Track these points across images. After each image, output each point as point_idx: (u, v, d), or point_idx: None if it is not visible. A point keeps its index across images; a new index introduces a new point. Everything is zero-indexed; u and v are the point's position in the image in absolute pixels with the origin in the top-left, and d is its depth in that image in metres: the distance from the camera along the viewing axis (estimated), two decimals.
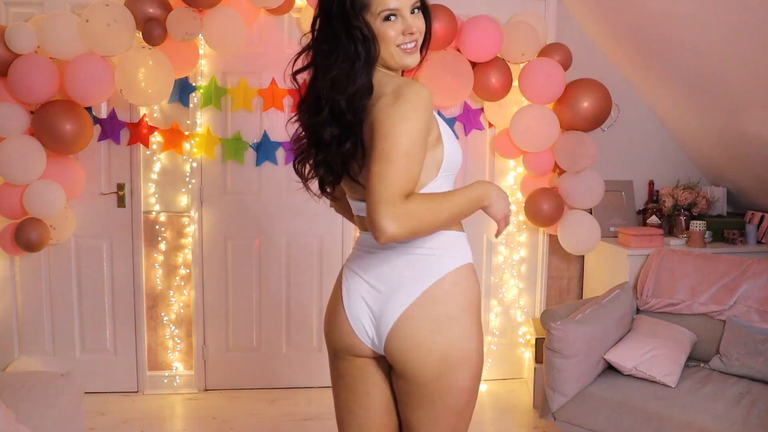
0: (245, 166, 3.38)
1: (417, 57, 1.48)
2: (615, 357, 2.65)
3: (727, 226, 3.46)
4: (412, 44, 1.45)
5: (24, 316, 3.34)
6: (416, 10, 1.46)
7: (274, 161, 3.36)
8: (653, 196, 3.65)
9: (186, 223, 3.41)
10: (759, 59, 2.55)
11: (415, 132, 1.31)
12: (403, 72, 1.55)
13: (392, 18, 1.42)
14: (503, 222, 1.51)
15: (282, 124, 3.36)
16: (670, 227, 3.55)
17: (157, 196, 3.37)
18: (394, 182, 1.28)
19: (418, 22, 1.45)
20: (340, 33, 1.40)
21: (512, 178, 3.57)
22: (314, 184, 1.58)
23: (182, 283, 3.43)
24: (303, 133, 1.51)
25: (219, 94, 3.29)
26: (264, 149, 3.35)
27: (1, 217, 3.00)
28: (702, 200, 3.46)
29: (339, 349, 1.60)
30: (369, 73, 1.40)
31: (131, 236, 3.35)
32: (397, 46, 1.44)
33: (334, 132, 1.42)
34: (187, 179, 3.36)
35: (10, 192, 2.92)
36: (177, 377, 3.46)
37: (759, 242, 3.42)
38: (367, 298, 1.50)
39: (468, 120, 3.49)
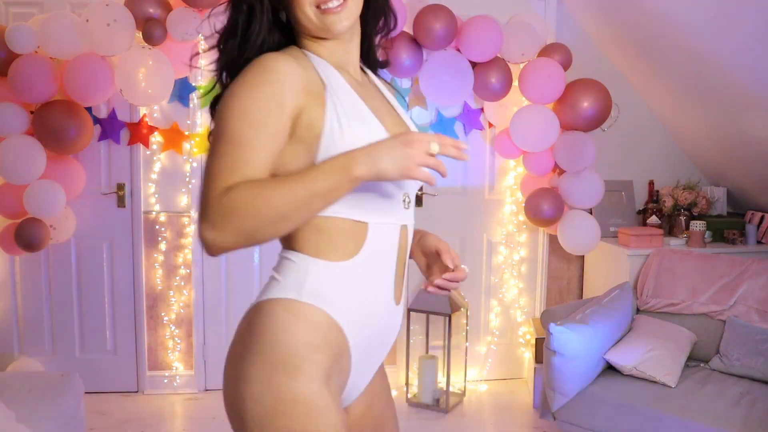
0: None
1: (346, 18, 1.12)
2: (615, 357, 2.65)
3: (727, 226, 3.46)
4: (337, 1, 1.11)
5: (24, 316, 3.34)
6: None
7: None
8: (653, 196, 3.65)
9: (186, 223, 3.41)
10: (759, 59, 2.55)
11: (247, 110, 1.01)
12: (384, 65, 1.30)
13: None
14: (421, 175, 1.03)
15: None
16: (670, 227, 3.55)
17: (157, 196, 3.37)
18: (217, 179, 1.00)
19: None
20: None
21: (512, 178, 3.57)
22: None
23: (182, 283, 3.43)
24: None
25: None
26: None
27: (1, 217, 3.00)
28: (702, 200, 3.46)
29: None
30: (247, 54, 1.11)
31: (131, 236, 3.35)
32: (317, 6, 1.11)
33: None
34: (187, 179, 3.36)
35: (10, 192, 2.92)
36: (177, 377, 3.46)
37: (759, 242, 3.41)
38: None
39: (468, 120, 3.49)
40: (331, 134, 1.07)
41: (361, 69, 1.28)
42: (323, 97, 1.09)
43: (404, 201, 1.19)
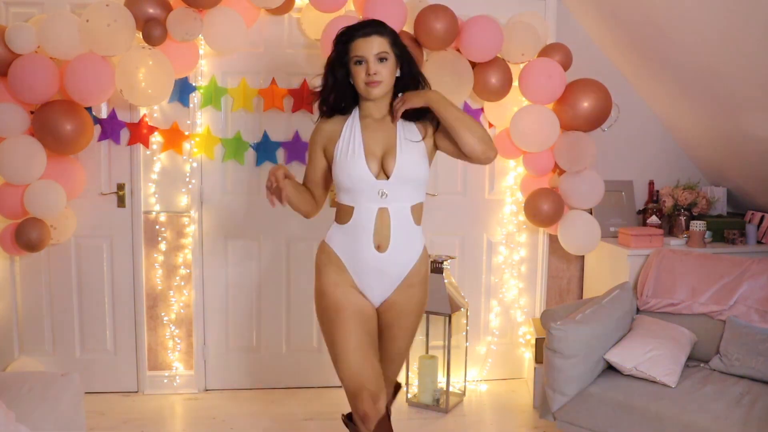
0: (245, 166, 3.38)
1: (379, 91, 2.03)
2: (615, 357, 2.65)
3: (727, 226, 3.46)
4: (376, 82, 2.02)
5: (24, 316, 3.34)
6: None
7: (274, 161, 3.36)
8: (653, 196, 3.65)
9: (186, 223, 3.41)
10: (759, 59, 2.55)
11: (309, 149, 2.21)
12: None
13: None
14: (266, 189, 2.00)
15: (282, 124, 3.36)
16: (670, 227, 3.55)
17: (157, 196, 3.37)
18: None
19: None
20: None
21: (512, 178, 3.57)
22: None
23: (182, 283, 3.43)
24: None
25: (219, 94, 3.29)
26: (264, 149, 3.35)
27: (2, 217, 3.00)
28: (702, 200, 3.46)
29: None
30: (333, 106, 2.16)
31: (131, 236, 3.35)
32: (366, 83, 2.02)
33: None
34: (187, 179, 3.36)
35: (10, 192, 2.92)
36: (177, 377, 3.46)
37: (759, 242, 3.42)
38: None
39: None
40: (338, 156, 2.08)
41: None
42: (336, 139, 2.10)
43: (379, 194, 2.04)
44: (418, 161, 2.07)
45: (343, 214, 2.11)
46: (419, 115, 2.12)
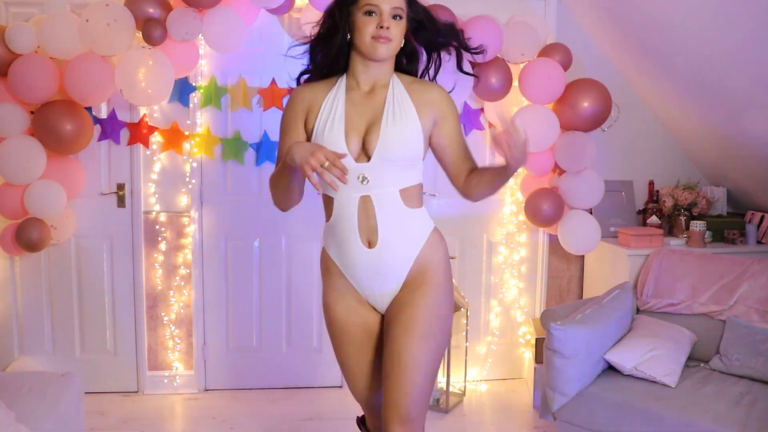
0: (245, 166, 3.38)
1: (387, 50, 1.74)
2: (615, 357, 2.65)
3: (727, 226, 3.46)
4: (385, 37, 1.74)
5: (24, 316, 3.34)
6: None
7: (274, 161, 3.36)
8: (653, 196, 3.65)
9: (186, 223, 3.41)
10: (759, 59, 2.55)
11: (282, 120, 1.86)
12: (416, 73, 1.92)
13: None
14: (307, 166, 1.58)
15: None
16: (670, 227, 3.55)
17: (157, 196, 3.37)
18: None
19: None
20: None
21: (512, 178, 3.56)
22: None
23: (182, 283, 3.43)
24: None
25: (219, 93, 3.29)
26: (264, 149, 3.35)
27: (2, 217, 3.00)
28: (702, 200, 3.46)
29: None
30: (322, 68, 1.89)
31: (131, 236, 3.35)
32: (372, 37, 1.73)
33: None
34: (187, 179, 3.36)
35: (10, 192, 2.92)
36: (177, 377, 3.46)
37: (759, 242, 3.41)
38: None
39: (468, 120, 3.48)
40: (315, 132, 1.79)
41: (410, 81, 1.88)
42: (317, 111, 1.80)
43: (359, 179, 1.74)
44: (409, 137, 1.76)
45: (326, 209, 1.85)
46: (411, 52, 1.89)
